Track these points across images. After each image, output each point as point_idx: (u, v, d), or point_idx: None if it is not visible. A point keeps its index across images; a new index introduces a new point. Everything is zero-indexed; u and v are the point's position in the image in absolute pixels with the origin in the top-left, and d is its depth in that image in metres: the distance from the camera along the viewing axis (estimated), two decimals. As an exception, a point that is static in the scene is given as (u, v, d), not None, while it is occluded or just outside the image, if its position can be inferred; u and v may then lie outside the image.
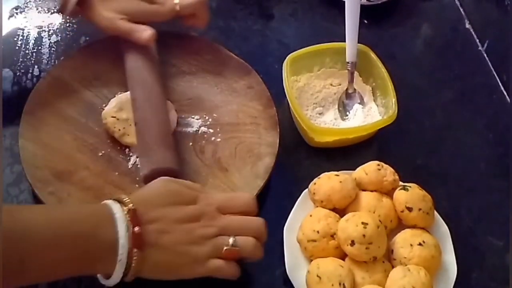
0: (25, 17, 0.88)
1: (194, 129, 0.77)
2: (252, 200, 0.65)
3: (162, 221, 0.59)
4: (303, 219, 0.69)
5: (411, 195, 0.69)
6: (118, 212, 0.56)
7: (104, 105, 0.76)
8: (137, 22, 0.77)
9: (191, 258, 0.60)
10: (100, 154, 0.73)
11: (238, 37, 0.91)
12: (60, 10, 0.76)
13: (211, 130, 0.77)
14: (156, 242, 0.58)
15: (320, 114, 0.82)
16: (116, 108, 0.74)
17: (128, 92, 0.76)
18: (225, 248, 0.61)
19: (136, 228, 0.56)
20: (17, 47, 0.85)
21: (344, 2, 0.81)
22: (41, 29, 0.87)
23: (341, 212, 0.69)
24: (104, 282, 0.58)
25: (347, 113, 0.82)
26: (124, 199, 0.58)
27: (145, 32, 0.76)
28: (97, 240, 0.55)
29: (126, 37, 0.77)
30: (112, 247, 0.55)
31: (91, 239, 0.55)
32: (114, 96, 0.77)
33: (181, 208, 0.61)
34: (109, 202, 0.58)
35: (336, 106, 0.83)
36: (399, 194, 0.70)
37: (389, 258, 0.68)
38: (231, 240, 0.61)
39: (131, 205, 0.57)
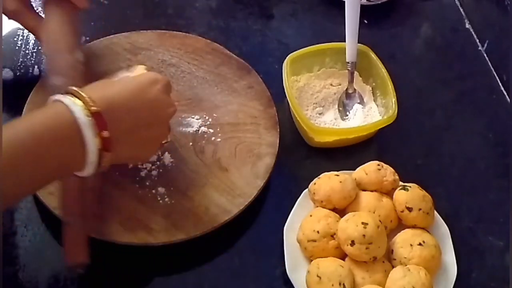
0: (25, 17, 0.88)
1: (194, 129, 0.77)
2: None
3: (126, 120, 0.57)
4: (303, 219, 0.69)
5: (411, 195, 0.69)
6: (81, 117, 0.53)
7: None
8: None
9: (151, 150, 0.64)
10: (100, 154, 0.73)
11: (238, 37, 0.91)
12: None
13: (211, 130, 0.77)
14: (124, 140, 0.57)
15: (320, 114, 0.82)
16: None
17: None
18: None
19: (104, 133, 0.54)
20: (17, 47, 0.85)
21: (344, 2, 0.81)
22: (41, 29, 0.87)
23: (341, 212, 0.69)
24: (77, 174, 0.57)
25: (347, 113, 0.82)
26: (84, 96, 0.54)
27: None
28: (65, 149, 0.53)
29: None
30: (80, 151, 0.54)
31: (57, 149, 0.53)
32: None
33: (142, 107, 0.59)
34: (69, 103, 0.54)
35: (336, 106, 0.83)
36: (399, 194, 0.70)
37: (389, 258, 0.68)
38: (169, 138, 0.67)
39: (93, 107, 0.54)
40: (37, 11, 0.89)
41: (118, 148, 0.56)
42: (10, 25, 0.87)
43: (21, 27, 0.86)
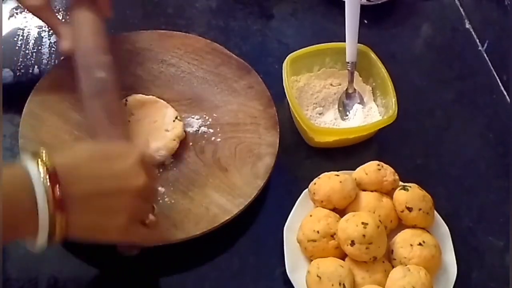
0: (25, 17, 0.88)
1: (194, 129, 0.77)
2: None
3: (86, 179, 0.54)
4: (303, 219, 0.69)
5: (411, 195, 0.69)
6: (34, 172, 0.51)
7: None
8: None
9: (115, 218, 0.56)
10: (100, 154, 0.73)
11: (238, 37, 0.91)
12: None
13: (211, 130, 0.77)
14: (80, 202, 0.53)
15: (320, 114, 0.82)
16: None
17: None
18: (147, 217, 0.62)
19: (57, 191, 0.51)
20: (17, 47, 0.85)
21: (344, 2, 0.81)
22: (41, 29, 0.87)
23: (341, 212, 0.69)
24: (30, 249, 0.54)
25: (347, 113, 0.82)
26: (42, 155, 0.53)
27: None
28: (17, 203, 0.50)
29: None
30: (32, 208, 0.51)
31: (9, 203, 0.50)
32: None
33: (105, 166, 0.57)
34: (26, 159, 0.52)
35: (336, 106, 0.83)
36: (399, 194, 0.70)
37: (389, 258, 0.68)
38: (152, 217, 0.62)
39: (48, 164, 0.52)
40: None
41: (73, 212, 0.52)
42: (10, 25, 0.87)
43: (21, 27, 0.87)
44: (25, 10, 0.76)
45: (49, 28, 0.77)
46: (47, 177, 0.51)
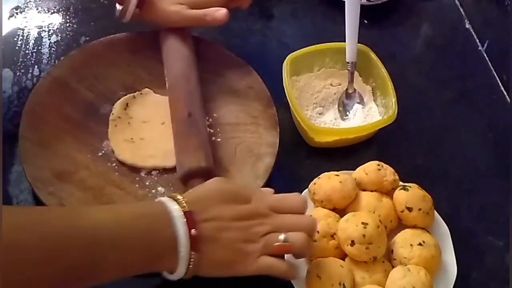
0: (25, 17, 0.88)
1: (194, 129, 0.77)
2: (303, 200, 0.65)
3: (217, 219, 0.59)
4: (303, 219, 0.69)
5: (411, 195, 0.69)
6: (175, 211, 0.57)
7: (104, 104, 0.77)
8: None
9: (246, 255, 0.60)
10: (100, 154, 0.73)
11: (238, 37, 0.91)
12: (120, 18, 0.77)
13: (211, 130, 0.77)
14: (212, 240, 0.58)
15: (320, 114, 0.82)
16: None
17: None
18: (276, 243, 0.61)
19: (193, 231, 0.56)
20: (17, 47, 0.85)
21: (344, 2, 0.81)
22: (41, 29, 0.87)
23: (341, 212, 0.69)
24: (168, 277, 0.60)
25: (347, 113, 0.82)
26: (179, 199, 0.58)
27: (219, 12, 0.77)
28: (160, 238, 0.56)
29: (198, 24, 0.78)
30: (172, 244, 0.56)
31: (155, 237, 0.56)
32: (114, 96, 0.78)
33: (235, 206, 0.61)
34: (165, 200, 0.58)
35: (336, 106, 0.83)
36: (399, 194, 0.70)
37: (389, 258, 0.68)
38: (282, 236, 0.61)
39: (186, 206, 0.58)
40: (39, 9, 0.89)
41: (205, 248, 0.57)
42: (10, 25, 0.87)
43: (21, 27, 0.87)
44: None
45: (198, 23, 0.79)
46: (184, 218, 0.57)
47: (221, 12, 0.77)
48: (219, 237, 0.59)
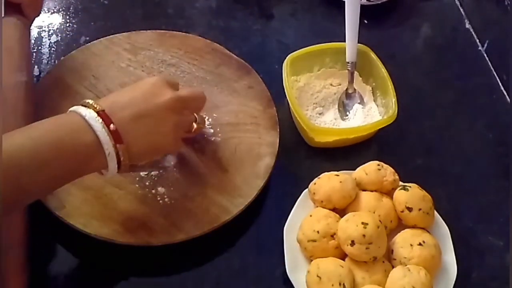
0: (25, 17, 0.88)
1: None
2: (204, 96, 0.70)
3: (130, 107, 0.61)
4: (303, 219, 0.69)
5: (411, 195, 0.69)
6: (87, 114, 0.58)
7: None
8: None
9: (165, 134, 0.63)
10: (100, 154, 0.73)
11: (238, 37, 0.91)
12: None
13: (211, 130, 0.77)
14: (132, 128, 0.60)
15: (320, 114, 0.82)
16: None
17: None
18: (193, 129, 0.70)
19: (111, 126, 0.58)
20: (17, 47, 0.84)
21: (344, 2, 0.81)
22: (41, 29, 0.87)
23: (341, 212, 0.69)
24: (105, 176, 0.62)
25: (347, 113, 0.82)
26: (89, 103, 0.60)
27: None
28: (81, 143, 0.58)
29: None
30: (95, 145, 0.58)
31: (76, 143, 0.57)
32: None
33: (143, 94, 0.63)
34: (74, 108, 0.60)
35: (336, 106, 0.83)
36: (399, 194, 0.70)
37: (389, 258, 0.68)
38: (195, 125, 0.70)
39: (97, 106, 0.59)
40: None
41: (129, 138, 0.60)
42: (10, 25, 0.87)
43: (21, 27, 0.86)
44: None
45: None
46: (99, 117, 0.58)
47: None
48: (137, 123, 0.61)
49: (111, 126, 0.58)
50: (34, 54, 0.84)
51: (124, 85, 0.78)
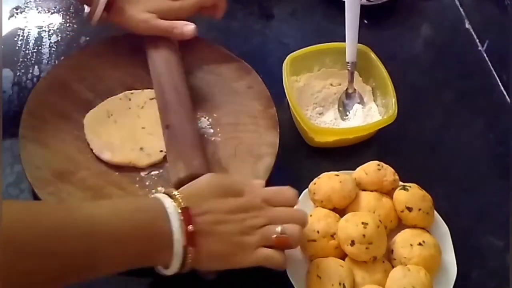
0: (25, 17, 0.89)
1: (194, 129, 0.77)
2: (295, 193, 0.66)
3: (213, 213, 0.60)
4: (303, 219, 0.69)
5: (411, 195, 0.69)
6: (170, 207, 0.57)
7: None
8: (165, 19, 0.78)
9: (243, 247, 0.61)
10: (100, 154, 0.73)
11: (238, 37, 0.91)
12: (87, 20, 0.77)
13: (211, 130, 0.77)
14: (208, 234, 0.59)
15: (320, 114, 0.82)
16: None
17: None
18: (274, 236, 0.62)
19: (190, 227, 0.57)
20: (17, 47, 0.85)
21: (344, 2, 0.81)
22: (41, 29, 0.87)
23: (341, 212, 0.69)
24: (162, 272, 0.60)
25: (347, 113, 0.82)
26: (175, 195, 0.59)
27: (187, 27, 0.78)
28: (155, 232, 0.56)
29: (165, 35, 0.78)
30: (168, 239, 0.57)
31: (150, 232, 0.56)
32: (114, 96, 0.78)
33: (229, 200, 0.62)
34: (160, 196, 0.59)
35: (336, 106, 0.83)
36: (399, 194, 0.70)
37: (389, 258, 0.68)
38: (279, 228, 0.62)
39: (182, 202, 0.58)
40: (39, 9, 0.89)
41: (202, 242, 0.58)
42: (10, 25, 0.87)
43: (21, 27, 0.87)
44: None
45: (165, 34, 0.78)
46: (181, 214, 0.57)
47: (189, 28, 0.78)
48: (215, 230, 0.59)
49: (190, 227, 0.57)
50: (34, 54, 0.84)
51: (124, 85, 0.78)
